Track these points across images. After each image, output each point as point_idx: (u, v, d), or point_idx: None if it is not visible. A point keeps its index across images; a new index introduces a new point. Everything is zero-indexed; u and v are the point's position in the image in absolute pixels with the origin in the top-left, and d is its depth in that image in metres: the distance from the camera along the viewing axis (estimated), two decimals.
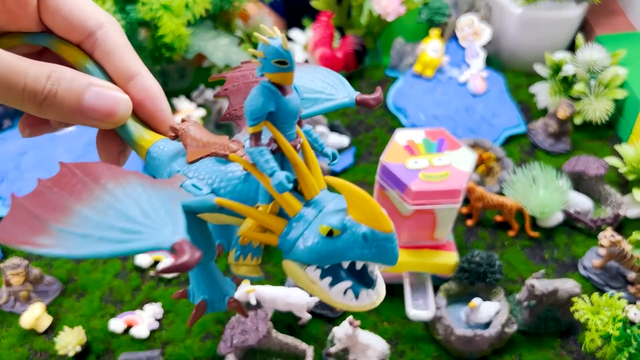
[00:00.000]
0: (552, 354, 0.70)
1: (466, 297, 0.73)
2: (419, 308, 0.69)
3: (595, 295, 0.65)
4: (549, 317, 0.72)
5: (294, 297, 0.69)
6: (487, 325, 0.70)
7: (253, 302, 0.67)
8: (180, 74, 1.06)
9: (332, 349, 0.67)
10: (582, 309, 0.64)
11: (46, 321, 0.72)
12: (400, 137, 0.68)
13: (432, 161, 0.65)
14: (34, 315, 0.71)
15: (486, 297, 0.73)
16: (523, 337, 0.72)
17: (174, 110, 0.98)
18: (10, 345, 0.71)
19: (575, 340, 0.71)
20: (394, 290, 0.75)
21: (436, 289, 0.72)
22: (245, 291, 0.67)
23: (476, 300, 0.69)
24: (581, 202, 0.83)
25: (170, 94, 1.01)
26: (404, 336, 0.71)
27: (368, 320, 0.72)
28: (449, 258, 0.72)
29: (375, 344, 0.68)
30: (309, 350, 0.67)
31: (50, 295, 0.75)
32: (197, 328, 0.72)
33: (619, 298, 0.64)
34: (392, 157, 0.66)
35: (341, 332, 0.65)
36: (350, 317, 0.66)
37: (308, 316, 0.71)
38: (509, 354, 0.70)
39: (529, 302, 0.70)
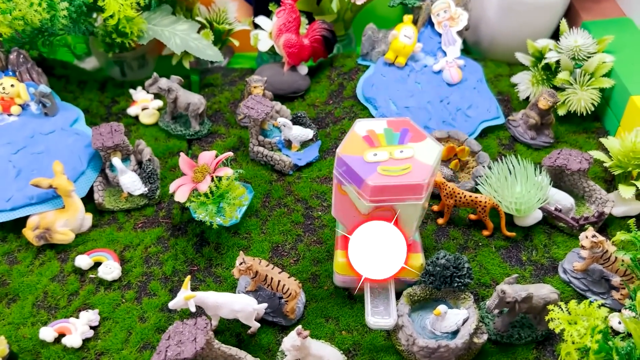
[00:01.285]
0: None
1: (432, 303, 0.66)
2: (380, 316, 0.62)
3: (573, 303, 0.58)
4: (524, 325, 0.65)
5: (240, 304, 0.62)
6: (454, 334, 0.63)
7: (192, 309, 0.60)
8: (140, 63, 0.99)
9: None
10: (557, 318, 0.57)
11: None
12: (360, 127, 0.61)
13: (393, 153, 0.58)
14: None
15: (454, 304, 0.66)
16: (495, 347, 0.65)
17: (130, 101, 0.92)
18: None
19: (553, 351, 0.65)
20: (355, 296, 0.69)
21: (400, 295, 0.65)
22: (184, 297, 0.60)
23: (442, 308, 0.62)
24: (562, 199, 0.76)
25: (130, 85, 0.95)
26: (364, 346, 0.65)
27: (325, 328, 0.66)
28: (414, 260, 0.65)
29: (329, 355, 0.61)
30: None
31: None
32: (135, 337, 0.65)
33: (600, 306, 0.57)
34: (350, 149, 0.59)
35: (289, 343, 0.58)
36: (299, 327, 0.59)
37: (257, 325, 0.64)
38: None
39: (501, 310, 0.63)
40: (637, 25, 0.92)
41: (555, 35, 0.94)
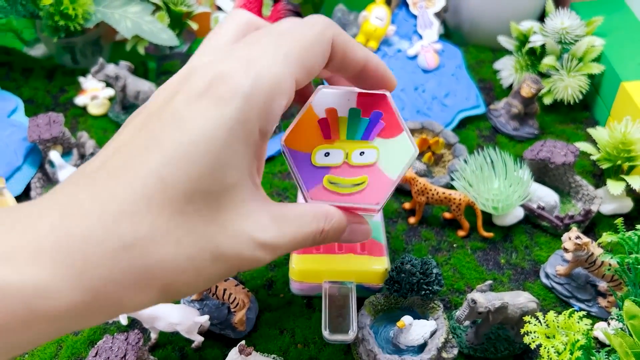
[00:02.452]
0: None
1: (397, 313, 0.59)
2: (338, 328, 0.55)
3: (551, 314, 0.51)
4: (500, 337, 0.58)
5: (178, 316, 0.55)
6: (421, 348, 0.56)
7: (124, 321, 0.54)
8: (94, 49, 0.92)
9: None
10: (533, 331, 0.51)
11: None
12: (321, 100, 0.42)
13: (350, 156, 0.43)
14: None
15: (422, 313, 0.59)
16: None
17: (79, 90, 0.85)
18: None
19: None
20: (314, 304, 0.62)
21: (362, 304, 0.58)
22: None
23: (406, 319, 0.55)
24: (546, 196, 0.69)
25: (81, 73, 0.87)
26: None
27: (278, 341, 0.59)
28: (378, 264, 0.58)
29: None
30: None
31: None
32: (66, 351, 0.58)
33: (582, 318, 0.50)
34: (298, 139, 0.42)
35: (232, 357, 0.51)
36: (242, 343, 0.52)
37: (201, 338, 0.57)
38: None
39: (473, 321, 0.56)
40: (629, 5, 0.85)
41: (542, 16, 0.87)
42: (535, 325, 0.51)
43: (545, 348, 0.49)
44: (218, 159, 0.31)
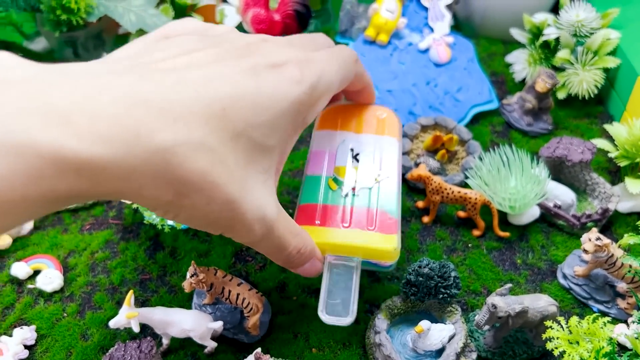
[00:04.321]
0: None
1: (414, 317, 0.58)
2: (336, 310, 0.47)
3: (574, 320, 0.50)
4: (519, 340, 0.57)
5: (191, 322, 0.54)
6: (439, 352, 0.55)
7: (136, 329, 0.52)
8: (96, 42, 0.89)
9: None
10: (557, 337, 0.49)
11: None
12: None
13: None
14: None
15: (439, 317, 0.58)
16: None
17: None
18: None
19: None
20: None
21: (369, 285, 0.57)
22: (126, 315, 0.52)
23: (424, 324, 0.54)
24: (562, 194, 0.67)
25: None
26: None
27: (292, 346, 0.58)
28: (387, 242, 0.48)
29: None
30: None
31: None
32: (76, 358, 0.57)
33: (605, 324, 0.49)
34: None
35: None
36: (258, 350, 0.51)
37: (214, 344, 0.56)
38: None
39: (492, 325, 0.55)
40: None
41: (555, 8, 0.85)
42: (557, 330, 0.50)
43: (569, 355, 0.48)
44: (272, 119, 0.37)
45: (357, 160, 0.53)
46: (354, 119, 0.55)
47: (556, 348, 0.49)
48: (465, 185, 0.69)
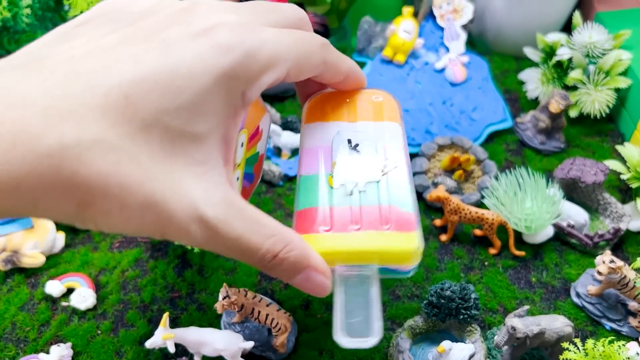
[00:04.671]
0: None
1: (435, 337, 0.61)
2: (357, 331, 0.35)
3: (590, 343, 0.52)
4: (535, 358, 0.60)
5: (224, 342, 0.56)
6: None
7: (171, 349, 0.55)
8: None
9: None
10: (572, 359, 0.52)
11: None
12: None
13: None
14: None
15: (459, 336, 0.60)
16: None
17: None
18: None
19: None
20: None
21: (387, 296, 0.60)
22: (162, 337, 0.54)
23: (445, 344, 0.57)
24: (575, 214, 0.70)
25: None
26: None
27: None
28: (406, 241, 0.38)
29: None
30: None
31: None
32: None
33: (620, 347, 0.52)
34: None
35: None
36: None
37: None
38: None
39: (511, 345, 0.58)
40: None
41: (567, 27, 0.87)
42: (575, 353, 0.53)
43: None
44: (193, 100, 0.29)
45: (358, 152, 0.43)
46: (346, 107, 0.45)
47: None
48: (481, 204, 0.71)
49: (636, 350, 0.60)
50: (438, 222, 0.72)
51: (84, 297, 0.64)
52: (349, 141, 0.43)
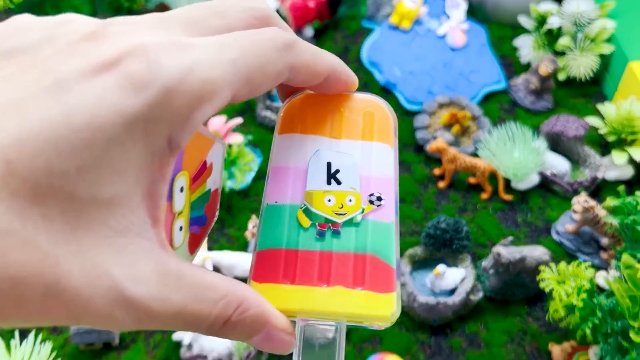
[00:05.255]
0: (518, 321, 0.69)
1: (432, 263, 0.71)
2: None
3: (562, 264, 0.62)
4: (517, 283, 0.70)
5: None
6: (452, 291, 0.68)
7: (209, 268, 0.65)
8: None
9: None
10: (547, 278, 0.62)
11: None
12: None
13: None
14: None
15: (452, 263, 0.70)
16: (489, 303, 0.70)
17: None
18: None
19: (543, 307, 0.70)
20: None
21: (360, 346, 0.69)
22: (202, 258, 0.65)
23: (441, 267, 0.67)
24: (558, 164, 0.79)
25: None
26: None
27: None
28: (381, 305, 0.29)
29: None
30: None
31: None
32: (161, 352, 0.69)
33: (587, 268, 0.62)
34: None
35: None
36: None
37: None
38: (474, 321, 0.69)
39: (495, 270, 0.68)
40: None
41: None
42: (549, 273, 0.63)
43: (556, 291, 0.61)
44: (98, 157, 0.22)
45: (338, 182, 0.33)
46: (331, 118, 0.35)
47: (547, 287, 0.62)
48: (476, 155, 0.81)
49: (603, 276, 0.70)
50: (437, 171, 0.81)
51: None
52: (329, 166, 0.33)
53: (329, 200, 0.31)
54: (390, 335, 0.68)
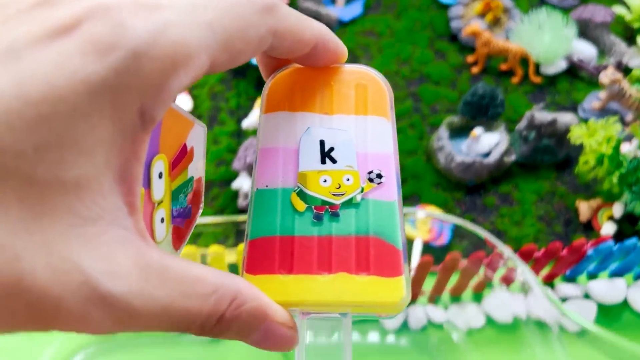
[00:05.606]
0: (547, 184, 0.74)
1: (468, 132, 0.76)
2: None
3: (592, 120, 0.67)
4: (547, 149, 0.75)
5: None
6: (486, 155, 0.73)
7: None
8: None
9: None
10: (578, 133, 0.67)
11: None
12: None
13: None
14: None
15: (487, 130, 0.76)
16: (520, 169, 0.75)
17: None
18: None
19: (571, 172, 0.75)
20: None
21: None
22: (256, 116, 0.70)
23: (477, 130, 0.72)
24: (586, 50, 0.84)
25: None
26: (407, 169, 0.75)
27: None
28: (390, 291, 0.26)
29: None
30: None
31: None
32: (211, 156, 0.75)
33: (615, 121, 0.67)
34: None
35: None
36: None
37: None
38: (506, 182, 0.74)
39: (527, 133, 0.73)
40: None
41: None
42: (579, 129, 0.68)
43: (587, 142, 0.66)
44: (60, 134, 0.18)
45: (333, 160, 0.30)
46: (320, 92, 0.31)
47: (577, 140, 0.67)
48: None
49: (627, 148, 0.75)
50: (470, 58, 0.86)
51: (182, 103, 0.80)
52: (322, 144, 0.30)
53: (325, 181, 0.28)
54: (428, 193, 0.73)
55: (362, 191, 0.27)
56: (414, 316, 0.63)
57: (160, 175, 0.26)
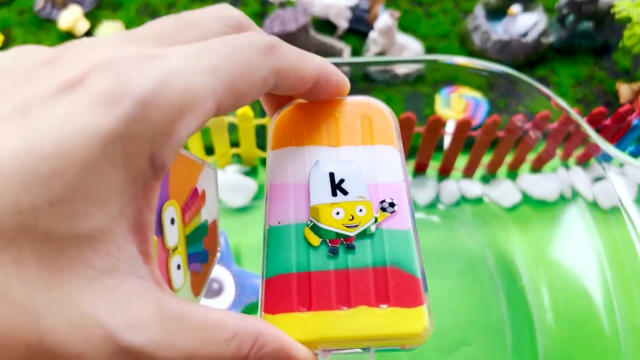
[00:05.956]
0: (585, 69, 0.71)
1: (504, 14, 0.72)
2: None
3: None
4: (585, 34, 0.72)
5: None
6: (524, 36, 0.70)
7: None
8: None
9: (370, 53, 0.68)
10: (622, 4, 0.64)
11: (84, 25, 0.72)
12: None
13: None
14: (73, 16, 0.71)
15: (525, 11, 0.72)
16: (557, 54, 0.72)
17: None
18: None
19: (609, 57, 0.72)
20: None
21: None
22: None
23: (515, 7, 0.69)
24: None
25: None
26: (439, 52, 0.72)
27: None
28: (412, 321, 0.25)
29: (411, 45, 0.69)
30: (346, 49, 0.68)
31: (86, 7, 0.75)
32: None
33: None
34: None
35: (381, 23, 0.65)
36: (392, 9, 0.66)
37: (345, 25, 0.71)
38: (542, 66, 0.71)
39: (567, 13, 0.70)
40: None
41: None
42: (623, 3, 0.64)
43: (633, 14, 0.63)
44: (73, 187, 0.18)
45: (344, 192, 0.30)
46: (326, 125, 0.32)
47: (621, 13, 0.64)
48: None
49: None
50: None
51: None
52: (331, 176, 0.30)
53: (338, 213, 0.28)
54: (463, 74, 0.70)
55: (375, 221, 0.27)
56: (447, 189, 0.61)
57: (172, 222, 0.25)
